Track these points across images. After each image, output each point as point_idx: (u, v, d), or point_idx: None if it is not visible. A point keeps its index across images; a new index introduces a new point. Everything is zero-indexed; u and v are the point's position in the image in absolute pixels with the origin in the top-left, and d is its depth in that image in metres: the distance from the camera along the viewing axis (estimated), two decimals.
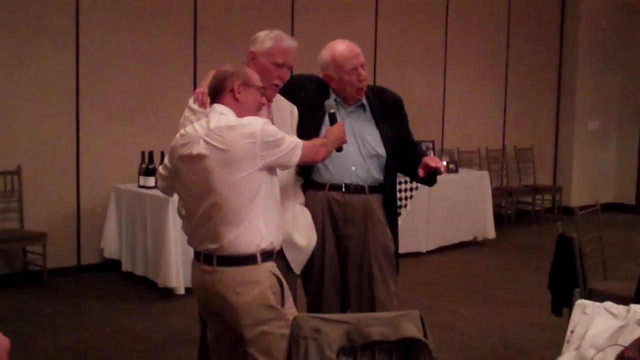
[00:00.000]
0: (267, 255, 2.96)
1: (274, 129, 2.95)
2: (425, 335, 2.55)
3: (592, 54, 10.84)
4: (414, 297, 5.87)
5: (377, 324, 2.52)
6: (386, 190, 3.69)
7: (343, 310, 3.64)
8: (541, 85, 10.81)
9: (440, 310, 5.87)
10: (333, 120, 3.41)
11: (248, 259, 2.90)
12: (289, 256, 3.39)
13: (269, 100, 3.38)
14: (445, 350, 4.75)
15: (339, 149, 3.34)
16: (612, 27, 10.88)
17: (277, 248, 3.05)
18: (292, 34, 4.40)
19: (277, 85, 3.40)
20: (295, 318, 2.55)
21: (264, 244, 2.93)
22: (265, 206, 2.93)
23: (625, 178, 11.18)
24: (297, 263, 3.46)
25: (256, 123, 2.90)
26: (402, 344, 2.54)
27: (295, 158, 3.01)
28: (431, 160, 3.55)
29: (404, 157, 3.75)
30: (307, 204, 3.57)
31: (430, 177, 3.64)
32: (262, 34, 3.42)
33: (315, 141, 3.21)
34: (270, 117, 3.37)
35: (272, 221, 2.98)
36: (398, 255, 3.76)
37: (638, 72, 10.95)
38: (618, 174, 11.28)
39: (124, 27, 7.03)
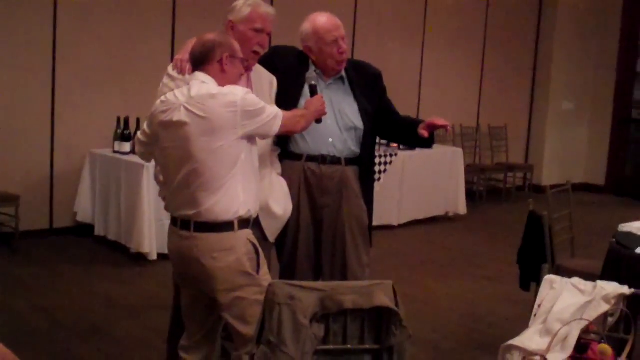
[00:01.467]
0: (244, 222, 2.98)
1: (255, 99, 2.96)
2: (397, 305, 2.60)
3: (569, 35, 10.89)
4: (385, 269, 5.92)
5: (350, 293, 2.57)
6: (363, 163, 3.74)
7: (315, 280, 3.68)
8: (517, 65, 10.85)
9: (410, 282, 5.94)
10: (313, 92, 3.42)
11: (225, 226, 2.92)
12: (264, 224, 3.42)
13: (249, 69, 3.39)
14: (414, 322, 4.80)
15: (318, 121, 3.36)
16: (590, 9, 10.93)
17: (254, 216, 3.08)
18: (272, 5, 4.39)
19: (257, 53, 3.39)
20: (270, 285, 2.59)
21: (242, 212, 2.95)
22: (244, 174, 2.95)
23: (596, 159, 11.27)
24: (272, 231, 3.50)
25: (237, 92, 2.91)
26: (374, 313, 2.60)
27: (276, 128, 3.03)
28: (437, 120, 3.61)
29: (393, 125, 3.80)
30: (283, 174, 3.60)
31: (430, 139, 3.71)
32: (239, 3, 3.42)
33: (295, 112, 3.23)
34: (249, 86, 3.37)
35: (250, 189, 3.00)
36: (372, 228, 3.80)
37: (613, 54, 11.01)
38: (589, 155, 11.36)
39: None
